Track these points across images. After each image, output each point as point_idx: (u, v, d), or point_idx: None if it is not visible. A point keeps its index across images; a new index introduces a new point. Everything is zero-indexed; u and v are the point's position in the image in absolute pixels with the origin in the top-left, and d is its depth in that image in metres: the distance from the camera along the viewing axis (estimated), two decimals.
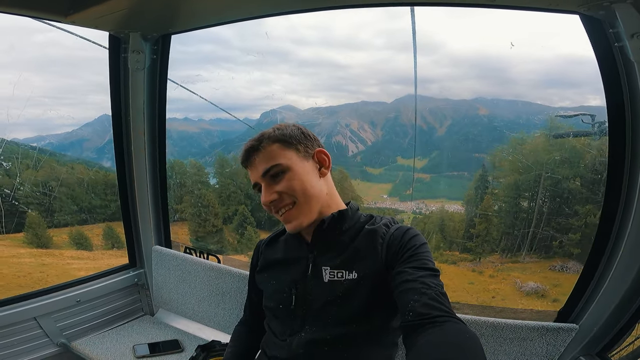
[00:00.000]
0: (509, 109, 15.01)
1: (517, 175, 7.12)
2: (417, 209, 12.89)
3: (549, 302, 5.23)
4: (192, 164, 12.11)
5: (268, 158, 0.94)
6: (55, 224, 9.04)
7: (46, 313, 1.58)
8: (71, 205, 9.58)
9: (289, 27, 31.71)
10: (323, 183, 0.99)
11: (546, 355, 1.24)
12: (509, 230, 6.77)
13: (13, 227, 8.05)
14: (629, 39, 0.86)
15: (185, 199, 11.04)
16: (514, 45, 13.02)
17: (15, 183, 6.18)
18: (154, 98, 1.73)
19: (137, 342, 1.67)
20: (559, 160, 6.69)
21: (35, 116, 10.99)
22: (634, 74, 0.95)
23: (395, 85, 15.38)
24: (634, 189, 1.08)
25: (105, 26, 1.49)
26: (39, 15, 1.29)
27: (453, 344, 0.65)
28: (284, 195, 0.93)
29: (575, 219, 6.02)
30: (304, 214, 0.94)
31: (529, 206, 6.82)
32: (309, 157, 0.98)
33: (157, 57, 1.66)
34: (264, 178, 0.95)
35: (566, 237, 5.93)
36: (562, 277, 5.59)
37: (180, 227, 10.53)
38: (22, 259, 7.53)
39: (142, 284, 1.93)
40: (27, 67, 14.49)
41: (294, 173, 0.93)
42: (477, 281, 5.71)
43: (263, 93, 28.88)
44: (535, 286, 5.46)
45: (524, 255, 6.26)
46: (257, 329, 1.15)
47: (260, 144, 0.96)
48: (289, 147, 0.95)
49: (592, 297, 1.21)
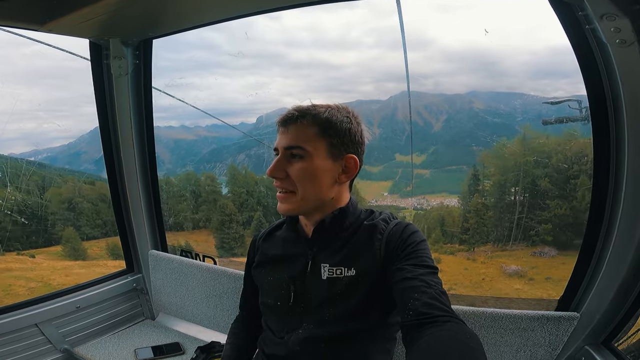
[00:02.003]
0: (504, 101, 15.04)
1: (500, 176, 8.33)
2: (418, 204, 12.84)
3: (526, 280, 6.63)
4: (206, 175, 12.64)
5: (298, 136, 0.91)
6: (82, 237, 9.43)
7: (47, 319, 1.58)
8: (96, 220, 9.98)
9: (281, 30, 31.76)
10: (334, 189, 0.95)
11: (549, 345, 1.21)
12: (497, 223, 7.96)
13: (42, 242, 8.48)
14: (599, 20, 0.84)
15: (202, 209, 11.41)
16: (488, 32, 13.39)
17: (40, 201, 6.65)
18: (140, 103, 1.73)
19: (138, 346, 1.68)
20: (532, 161, 7.86)
21: (30, 130, 11.06)
22: (609, 55, 0.94)
23: (390, 83, 15.27)
24: (622, 171, 1.07)
25: (84, 33, 1.48)
26: (15, 25, 1.27)
27: (454, 344, 0.65)
28: (289, 180, 0.91)
29: (547, 211, 7.18)
30: (296, 205, 0.93)
31: (512, 201, 7.95)
32: (338, 157, 0.93)
33: (139, 62, 1.66)
34: (285, 150, 0.92)
35: (541, 227, 7.17)
36: (539, 260, 6.92)
37: (198, 235, 10.91)
38: (74, 270, 7.80)
39: (140, 289, 1.94)
40: (19, 80, 14.52)
41: (310, 166, 0.90)
42: (470, 267, 7.10)
43: (258, 97, 28.84)
44: (516, 269, 6.91)
45: (511, 244, 7.54)
46: (253, 324, 1.14)
47: (301, 117, 0.91)
48: (324, 136, 0.91)
49: (591, 284, 1.19)
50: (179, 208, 11.62)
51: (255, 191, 11.61)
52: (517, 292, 6.47)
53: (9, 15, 1.22)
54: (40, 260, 8.44)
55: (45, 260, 8.42)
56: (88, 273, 7.47)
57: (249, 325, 1.17)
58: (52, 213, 9.10)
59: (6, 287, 7.27)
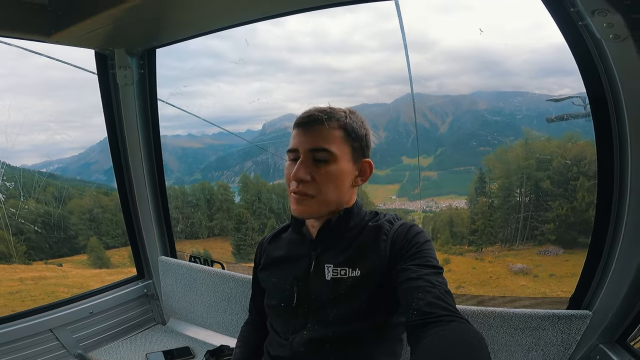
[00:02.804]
0: (508, 101, 15.05)
1: (505, 179, 8.79)
2: (427, 207, 12.79)
3: (531, 277, 6.95)
4: (219, 184, 12.92)
5: (326, 138, 0.90)
6: (104, 246, 9.81)
7: (61, 325, 1.62)
8: (116, 229, 10.33)
9: (284, 37, 31.96)
10: (350, 192, 0.97)
11: (562, 344, 1.19)
12: (504, 224, 8.39)
13: (66, 251, 9.16)
14: (591, 16, 0.83)
15: (216, 217, 11.34)
16: (484, 32, 14.19)
17: (60, 212, 7.06)
18: (146, 112, 1.77)
19: (150, 350, 1.70)
20: (534, 164, 8.41)
21: (41, 141, 11.54)
22: (605, 51, 0.93)
23: (394, 86, 15.24)
24: (626, 166, 1.06)
25: (89, 44, 1.52)
26: (22, 37, 1.32)
27: (458, 344, 0.64)
28: (313, 183, 0.90)
29: (549, 212, 7.70)
30: (314, 208, 0.93)
31: (517, 202, 8.34)
32: (357, 161, 0.95)
33: (144, 71, 1.70)
34: (308, 152, 0.90)
35: (545, 227, 7.66)
36: (543, 259, 7.38)
37: (213, 242, 11.24)
38: (104, 277, 8.29)
39: (151, 295, 1.97)
40: (30, 91, 15.05)
41: (336, 169, 0.90)
42: (478, 266, 7.50)
43: (264, 104, 29.11)
44: (522, 267, 7.27)
45: (517, 244, 7.96)
46: (262, 328, 1.14)
47: (328, 119, 0.91)
48: (349, 141, 0.92)
49: (602, 281, 1.18)
50: (195, 217, 11.98)
51: (267, 199, 11.91)
52: (522, 288, 6.75)
53: (16, 27, 1.26)
54: (68, 269, 8.82)
55: (73, 268, 8.81)
56: (118, 279, 7.85)
57: (258, 329, 1.17)
58: (74, 224, 9.59)
59: (50, 292, 7.53)
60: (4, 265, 7.86)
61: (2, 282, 7.63)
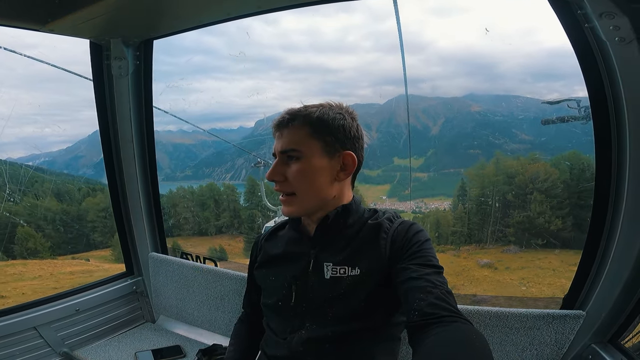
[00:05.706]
0: (501, 104, 15.61)
1: (480, 189, 11.15)
2: (416, 207, 12.99)
3: (493, 269, 9.20)
4: (226, 185, 13.74)
5: (291, 139, 0.92)
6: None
7: (46, 322, 1.56)
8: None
9: (279, 34, 31.78)
10: (334, 187, 0.94)
11: (555, 344, 1.20)
12: (477, 228, 10.80)
13: (84, 247, 9.68)
14: (598, 18, 0.84)
15: (224, 215, 12.51)
16: (489, 31, 15.89)
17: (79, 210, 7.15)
18: (140, 104, 1.73)
19: (139, 349, 1.66)
20: (501, 180, 10.75)
21: (27, 134, 11.33)
22: (609, 53, 0.94)
23: (387, 86, 15.34)
24: (624, 168, 1.07)
25: (85, 33, 1.49)
26: (17, 25, 1.28)
27: (461, 344, 0.64)
28: (287, 183, 0.92)
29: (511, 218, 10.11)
30: (299, 206, 0.94)
31: (489, 210, 10.73)
32: (334, 154, 0.93)
33: (140, 62, 1.66)
34: (281, 154, 0.93)
35: (507, 230, 10.16)
36: (504, 255, 9.71)
37: (221, 239, 12.23)
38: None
39: (140, 292, 1.92)
40: (19, 84, 14.78)
41: (307, 165, 0.91)
42: (454, 261, 9.83)
43: (256, 101, 29.03)
44: (487, 261, 9.49)
45: (488, 244, 10.41)
46: (256, 325, 1.13)
47: (291, 122, 0.93)
48: (317, 135, 0.91)
49: (596, 282, 1.19)
50: (204, 216, 12.29)
51: (275, 200, 12.29)
52: (485, 277, 8.87)
53: (11, 15, 1.22)
54: (97, 263, 8.93)
55: (100, 263, 8.92)
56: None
57: (252, 327, 1.16)
58: (91, 221, 9.67)
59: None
60: (37, 260, 8.14)
61: (58, 276, 7.81)
